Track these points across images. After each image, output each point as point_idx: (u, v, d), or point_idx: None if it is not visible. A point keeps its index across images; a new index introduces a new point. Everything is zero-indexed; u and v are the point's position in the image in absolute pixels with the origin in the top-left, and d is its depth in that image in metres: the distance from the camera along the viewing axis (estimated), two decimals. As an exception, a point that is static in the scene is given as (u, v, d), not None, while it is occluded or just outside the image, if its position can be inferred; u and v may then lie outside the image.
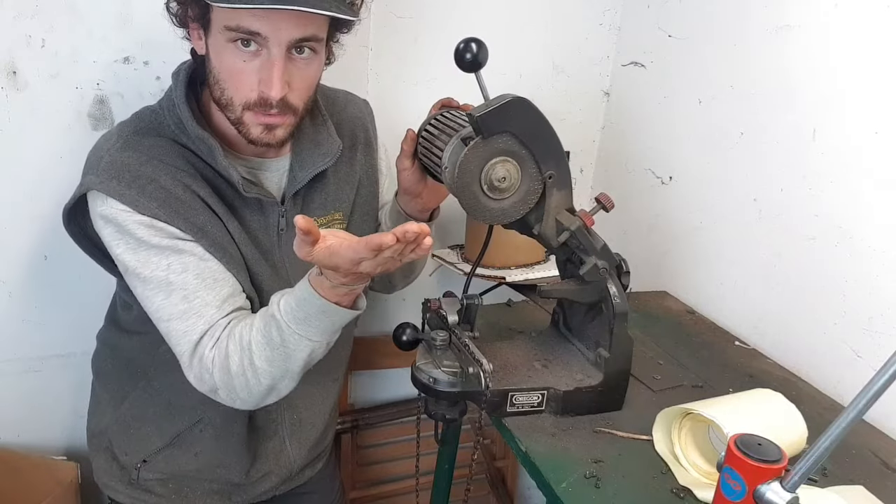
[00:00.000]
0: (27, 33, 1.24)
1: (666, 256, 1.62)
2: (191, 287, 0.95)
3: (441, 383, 0.98)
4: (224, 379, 0.95)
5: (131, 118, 1.05)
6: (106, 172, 0.95)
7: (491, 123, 0.91)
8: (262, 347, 0.93)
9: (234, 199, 1.03)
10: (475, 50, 0.92)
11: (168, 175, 0.97)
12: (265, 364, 0.93)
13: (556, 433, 1.01)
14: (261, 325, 0.94)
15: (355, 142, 1.19)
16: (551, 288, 1.04)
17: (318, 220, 1.11)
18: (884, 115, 1.10)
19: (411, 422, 1.64)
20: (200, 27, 0.97)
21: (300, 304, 0.91)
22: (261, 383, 0.95)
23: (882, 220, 1.12)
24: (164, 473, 1.15)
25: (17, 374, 1.45)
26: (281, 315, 0.92)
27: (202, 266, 0.97)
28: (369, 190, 1.20)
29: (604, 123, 1.83)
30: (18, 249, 1.37)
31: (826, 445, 0.67)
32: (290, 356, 0.93)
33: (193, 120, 0.99)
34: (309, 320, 0.91)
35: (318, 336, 0.93)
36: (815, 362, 1.23)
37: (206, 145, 0.99)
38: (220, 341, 0.95)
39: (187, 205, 0.97)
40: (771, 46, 1.31)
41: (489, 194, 0.94)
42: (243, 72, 0.94)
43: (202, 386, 0.98)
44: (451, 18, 1.56)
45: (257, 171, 1.08)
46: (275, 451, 1.17)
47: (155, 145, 0.99)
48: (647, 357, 1.25)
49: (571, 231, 0.98)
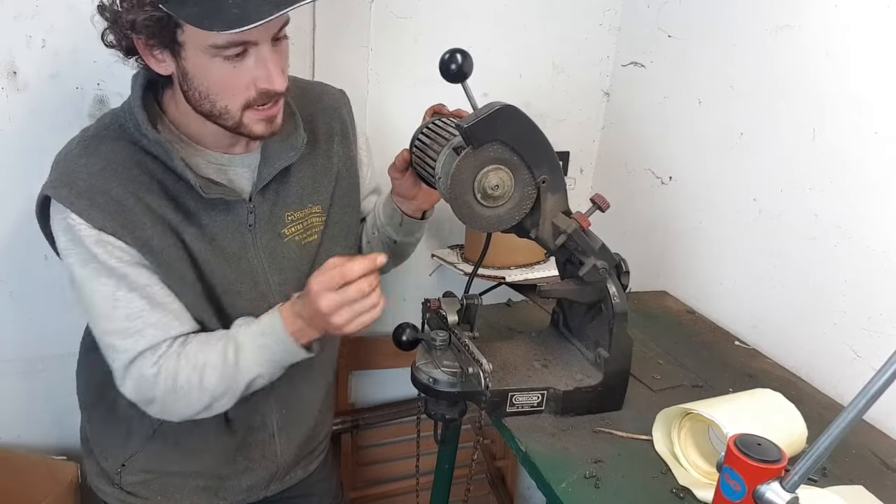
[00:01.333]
0: (27, 33, 1.25)
1: (666, 256, 1.62)
2: (135, 307, 0.97)
3: (441, 383, 0.98)
4: (166, 391, 0.98)
5: (95, 122, 1.04)
6: (59, 179, 0.96)
7: (480, 133, 0.91)
8: (215, 367, 0.98)
9: (196, 202, 1.02)
10: (460, 60, 0.92)
11: (120, 185, 0.96)
12: (214, 381, 0.98)
13: (555, 433, 1.01)
14: (219, 346, 0.99)
15: (332, 133, 1.17)
16: (551, 288, 1.04)
17: (294, 214, 1.11)
18: (884, 115, 1.10)
19: (411, 422, 1.64)
20: (164, 50, 0.93)
21: (263, 332, 0.99)
22: (202, 399, 1.00)
23: (882, 220, 1.12)
24: (148, 473, 1.14)
25: (17, 374, 1.45)
26: (242, 337, 1.00)
27: (147, 290, 0.98)
28: (349, 182, 1.19)
29: (604, 123, 1.83)
30: (18, 249, 1.37)
31: (826, 445, 0.67)
32: (236, 379, 0.99)
33: (149, 124, 0.98)
34: (265, 349, 0.99)
35: (267, 366, 1.00)
36: (815, 362, 1.23)
37: (162, 149, 0.98)
38: (166, 358, 0.98)
39: (135, 218, 0.96)
40: (771, 46, 1.31)
41: (483, 202, 0.95)
42: (236, 76, 0.93)
43: (138, 396, 1.00)
44: (450, 19, 1.56)
45: (227, 167, 1.06)
46: (262, 443, 1.17)
47: (112, 150, 0.98)
48: (647, 357, 1.25)
49: (568, 234, 0.98)
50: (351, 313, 0.93)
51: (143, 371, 0.98)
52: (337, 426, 1.71)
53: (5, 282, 1.38)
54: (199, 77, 0.93)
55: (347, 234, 1.19)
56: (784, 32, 1.28)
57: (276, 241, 1.09)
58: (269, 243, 1.08)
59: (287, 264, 1.10)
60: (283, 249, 1.09)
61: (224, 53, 0.90)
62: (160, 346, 0.98)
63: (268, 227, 1.08)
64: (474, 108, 0.94)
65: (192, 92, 0.95)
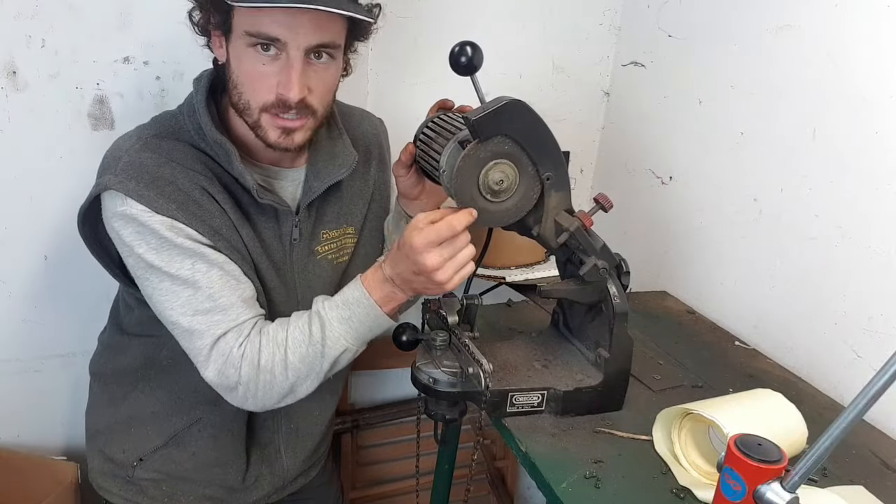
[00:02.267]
0: (27, 33, 1.24)
1: (666, 256, 1.62)
2: (216, 286, 0.96)
3: (441, 383, 0.98)
4: (250, 374, 0.96)
5: (150, 122, 1.05)
6: (124, 173, 0.95)
7: (487, 126, 0.91)
8: (299, 344, 0.96)
9: (249, 206, 1.04)
10: (470, 53, 0.92)
11: (186, 178, 0.97)
12: (297, 360, 0.96)
13: (555, 433, 1.01)
14: (300, 323, 0.98)
15: (369, 157, 1.20)
16: (551, 288, 1.04)
17: (330, 233, 1.13)
18: (884, 115, 1.10)
19: (411, 422, 1.64)
20: (222, 34, 0.98)
21: (346, 304, 0.97)
22: (287, 380, 0.97)
23: (882, 220, 1.12)
24: (160, 473, 1.14)
25: (17, 374, 1.45)
26: (325, 312, 0.97)
27: (226, 267, 0.98)
28: (380, 205, 1.22)
29: (604, 123, 1.83)
30: (18, 249, 1.37)
31: (826, 445, 0.67)
32: (324, 355, 0.97)
33: (212, 125, 0.99)
34: (351, 321, 0.97)
35: (353, 340, 0.98)
36: (815, 362, 1.23)
37: (223, 150, 0.99)
38: (251, 338, 0.96)
39: (204, 208, 0.98)
40: (771, 46, 1.31)
41: (487, 197, 0.94)
42: (262, 75, 0.95)
43: (222, 380, 0.97)
44: (450, 19, 1.56)
45: (272, 179, 1.08)
46: (269, 459, 1.18)
47: (173, 148, 1.00)
48: (647, 357, 1.25)
49: (570, 232, 0.98)
50: (455, 266, 0.91)
51: (227, 352, 0.96)
52: (337, 426, 1.71)
53: (5, 282, 1.38)
54: (235, 66, 0.97)
55: (373, 258, 1.20)
56: (784, 32, 1.28)
57: (310, 257, 1.10)
58: (304, 259, 1.10)
59: (317, 282, 1.11)
60: (315, 267, 1.11)
61: (252, 42, 0.93)
62: (244, 326, 0.97)
63: (307, 244, 1.10)
64: (482, 102, 0.94)
65: (230, 81, 0.98)
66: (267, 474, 1.18)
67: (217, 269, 0.97)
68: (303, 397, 1.01)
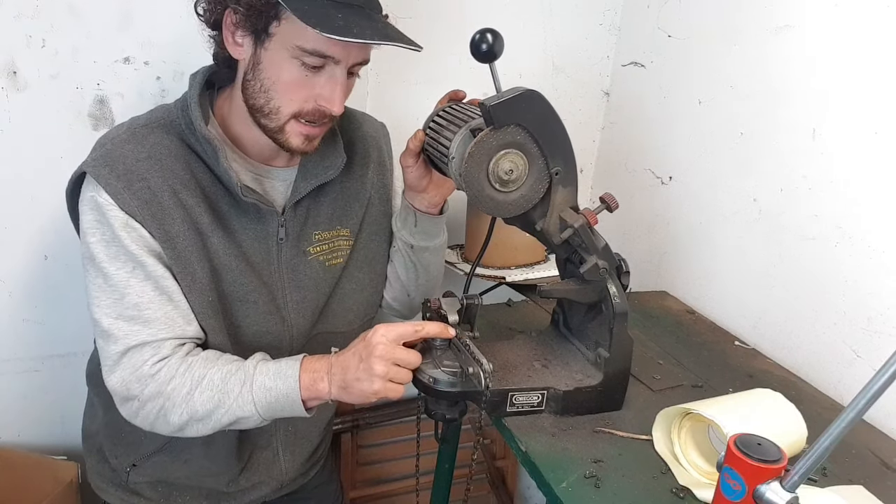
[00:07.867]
0: (27, 33, 1.25)
1: (666, 256, 1.62)
2: (146, 298, 0.96)
3: (441, 383, 0.98)
4: (152, 394, 0.95)
5: (146, 113, 1.06)
6: (103, 159, 0.96)
7: (502, 114, 0.91)
8: (212, 387, 0.95)
9: (231, 207, 1.03)
10: (491, 40, 0.93)
11: (160, 177, 0.97)
12: (201, 401, 0.95)
13: (555, 433, 1.01)
14: (225, 368, 0.96)
15: (368, 160, 1.19)
16: (551, 288, 1.04)
17: (322, 234, 1.12)
18: (884, 115, 1.10)
19: (411, 422, 1.64)
20: (250, 35, 0.96)
21: (277, 375, 0.95)
22: (181, 414, 0.95)
23: (882, 220, 1.12)
24: (154, 478, 1.15)
25: (17, 374, 1.45)
26: (253, 372, 0.96)
27: (162, 282, 0.97)
28: (380, 209, 1.20)
29: (604, 123, 1.83)
30: (18, 249, 1.37)
31: (826, 445, 0.67)
32: (228, 407, 0.95)
33: (202, 120, 0.99)
34: (269, 393, 0.95)
35: (263, 410, 0.95)
36: (815, 362, 1.23)
37: (210, 146, 0.99)
38: (171, 361, 0.96)
39: (167, 211, 0.97)
40: (771, 46, 1.31)
41: (495, 186, 0.94)
42: (303, 85, 0.96)
43: (121, 390, 0.97)
44: (450, 19, 1.56)
45: (264, 178, 1.08)
46: (267, 462, 1.17)
47: (159, 142, 1.00)
48: (647, 357, 1.25)
49: (575, 228, 0.98)
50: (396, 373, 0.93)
51: (138, 365, 0.95)
52: (337, 426, 1.71)
53: (5, 282, 1.38)
54: (270, 71, 0.96)
55: (374, 262, 1.20)
56: (784, 32, 1.28)
57: (299, 258, 1.10)
58: (292, 259, 1.09)
59: (307, 283, 1.11)
60: (305, 267, 1.10)
61: (305, 59, 0.94)
62: (164, 345, 0.96)
63: (295, 243, 1.09)
64: (498, 91, 0.94)
65: (254, 82, 0.98)
66: (265, 478, 1.18)
67: (153, 282, 0.96)
68: (192, 437, 0.99)
